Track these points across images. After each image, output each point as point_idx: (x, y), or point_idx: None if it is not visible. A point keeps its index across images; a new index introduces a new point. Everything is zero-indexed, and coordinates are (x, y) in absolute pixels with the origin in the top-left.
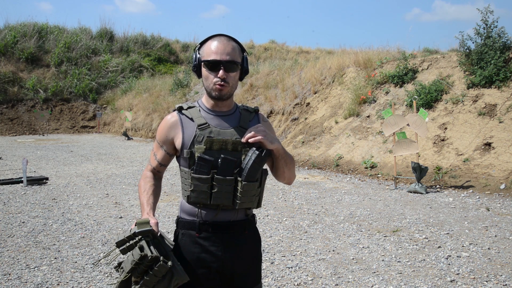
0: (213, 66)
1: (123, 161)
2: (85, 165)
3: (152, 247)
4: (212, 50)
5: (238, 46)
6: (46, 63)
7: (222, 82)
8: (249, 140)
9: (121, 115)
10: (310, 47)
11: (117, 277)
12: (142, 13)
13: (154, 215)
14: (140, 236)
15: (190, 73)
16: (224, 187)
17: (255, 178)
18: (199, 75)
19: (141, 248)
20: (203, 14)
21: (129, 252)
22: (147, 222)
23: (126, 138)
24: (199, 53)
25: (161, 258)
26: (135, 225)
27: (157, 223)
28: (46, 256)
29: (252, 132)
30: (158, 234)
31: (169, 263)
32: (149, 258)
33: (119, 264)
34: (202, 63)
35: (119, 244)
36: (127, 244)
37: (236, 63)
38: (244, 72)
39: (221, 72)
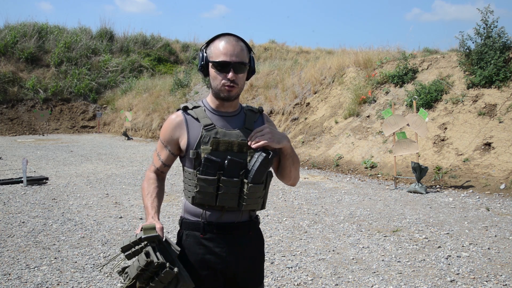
0: (222, 67)
1: (123, 161)
2: (85, 165)
3: (158, 253)
4: (221, 51)
5: (246, 46)
6: (46, 63)
7: (232, 84)
8: (253, 146)
9: (121, 115)
10: (310, 47)
11: (121, 282)
12: (143, 13)
13: (159, 219)
14: (146, 242)
15: (190, 73)
16: (230, 188)
17: (261, 180)
18: (206, 74)
19: (147, 254)
20: (203, 14)
21: (134, 258)
22: (153, 228)
23: (126, 138)
24: (206, 52)
25: (167, 264)
26: (141, 230)
27: (162, 228)
28: (46, 256)
29: (256, 137)
30: (164, 240)
31: (175, 269)
32: (155, 264)
33: (123, 269)
34: (210, 64)
35: (124, 249)
36: (133, 249)
37: (245, 64)
38: (251, 72)
39: (230, 74)
